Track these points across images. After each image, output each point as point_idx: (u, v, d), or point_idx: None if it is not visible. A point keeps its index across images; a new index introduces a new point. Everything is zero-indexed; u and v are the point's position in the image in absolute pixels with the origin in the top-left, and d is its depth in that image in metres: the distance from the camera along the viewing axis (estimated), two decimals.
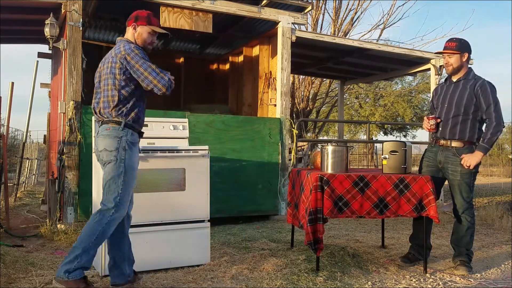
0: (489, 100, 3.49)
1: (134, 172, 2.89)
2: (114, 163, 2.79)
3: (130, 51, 2.82)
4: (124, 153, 2.80)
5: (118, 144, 2.80)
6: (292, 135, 6.16)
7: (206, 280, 3.14)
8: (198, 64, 9.23)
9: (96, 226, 2.77)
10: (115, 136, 2.81)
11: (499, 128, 3.47)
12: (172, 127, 3.95)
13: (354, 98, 20.14)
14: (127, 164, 2.81)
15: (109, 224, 2.79)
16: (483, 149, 3.47)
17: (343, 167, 3.51)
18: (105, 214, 2.79)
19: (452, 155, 3.59)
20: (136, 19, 2.99)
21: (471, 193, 3.61)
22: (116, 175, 2.79)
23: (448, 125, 3.62)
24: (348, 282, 3.17)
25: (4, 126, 6.61)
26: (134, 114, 2.88)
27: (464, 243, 3.61)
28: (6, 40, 7.49)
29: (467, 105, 3.54)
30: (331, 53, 7.96)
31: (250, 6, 5.90)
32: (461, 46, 3.61)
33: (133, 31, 2.99)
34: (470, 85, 3.57)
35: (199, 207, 3.53)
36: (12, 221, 5.36)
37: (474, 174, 3.60)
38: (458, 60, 3.61)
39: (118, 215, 2.81)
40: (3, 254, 3.53)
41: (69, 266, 2.70)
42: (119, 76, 2.82)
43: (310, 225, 3.24)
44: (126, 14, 3.27)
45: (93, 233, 2.75)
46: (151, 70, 2.81)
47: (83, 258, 2.73)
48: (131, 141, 2.85)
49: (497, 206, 6.60)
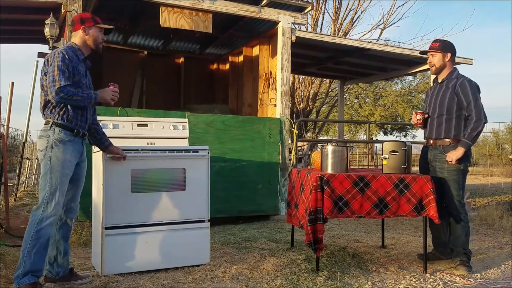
0: (468, 98, 3.55)
1: (64, 171, 2.85)
2: (43, 162, 2.84)
3: (53, 54, 2.85)
4: (50, 151, 2.82)
5: (47, 143, 2.84)
6: (292, 135, 6.16)
7: (206, 280, 3.14)
8: (198, 64, 9.24)
9: (29, 227, 2.79)
10: (44, 135, 2.86)
11: (479, 123, 3.52)
12: (172, 127, 3.96)
13: (354, 98, 20.14)
14: (53, 162, 2.81)
15: (41, 224, 2.77)
16: (464, 144, 3.53)
17: (343, 167, 3.51)
18: (36, 214, 2.80)
19: (439, 153, 3.67)
20: (83, 21, 2.99)
21: (461, 191, 3.63)
22: (44, 174, 2.82)
23: (434, 125, 3.72)
24: (348, 282, 3.17)
25: (4, 126, 6.61)
26: (63, 112, 2.87)
27: (461, 243, 3.61)
28: (6, 40, 7.49)
29: (450, 105, 3.62)
30: (331, 53, 7.96)
31: (250, 6, 5.90)
32: (443, 46, 3.71)
33: (83, 34, 2.99)
34: (452, 85, 3.65)
35: (199, 207, 3.53)
36: (12, 221, 5.36)
37: (463, 172, 3.62)
38: (441, 59, 3.70)
39: (47, 214, 2.79)
40: (3, 254, 3.53)
41: (17, 272, 2.74)
42: (44, 77, 2.87)
43: (310, 225, 3.24)
44: (126, 14, 3.28)
45: (28, 235, 2.77)
46: (52, 75, 2.77)
47: (27, 262, 2.74)
48: (59, 139, 2.84)
49: (497, 206, 6.59)
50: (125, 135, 3.40)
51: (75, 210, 3.07)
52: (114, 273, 3.21)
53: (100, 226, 3.24)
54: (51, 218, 2.81)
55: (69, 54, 2.86)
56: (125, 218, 3.27)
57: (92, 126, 3.14)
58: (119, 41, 8.34)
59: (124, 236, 3.27)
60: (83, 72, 2.99)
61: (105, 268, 3.20)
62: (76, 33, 3.01)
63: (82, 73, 2.95)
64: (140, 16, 6.90)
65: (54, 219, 2.84)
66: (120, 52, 8.51)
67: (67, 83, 2.77)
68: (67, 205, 3.00)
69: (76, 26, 3.00)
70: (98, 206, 3.31)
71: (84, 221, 4.56)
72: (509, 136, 21.02)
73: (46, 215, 2.79)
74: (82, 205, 4.73)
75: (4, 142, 5.24)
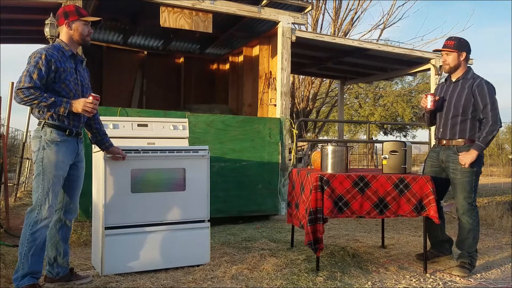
0: (485, 100, 3.46)
1: (57, 172, 2.80)
2: (35, 163, 2.81)
3: (32, 54, 2.75)
4: (43, 152, 2.79)
5: (40, 144, 2.81)
6: (292, 135, 6.16)
7: (206, 280, 3.14)
8: (198, 64, 9.24)
9: (25, 229, 2.78)
10: (37, 136, 2.83)
11: (495, 127, 3.45)
12: (172, 127, 3.96)
13: (354, 98, 20.14)
14: (45, 164, 2.79)
15: (35, 226, 2.76)
16: (478, 147, 3.44)
17: (343, 167, 3.51)
18: (30, 216, 2.78)
19: (453, 153, 3.57)
20: (66, 15, 2.87)
21: (473, 194, 3.53)
22: (36, 175, 2.80)
23: (448, 126, 3.61)
24: (348, 282, 3.17)
25: (4, 126, 6.60)
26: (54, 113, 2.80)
27: (466, 246, 3.55)
28: (6, 40, 7.49)
29: (466, 105, 3.52)
30: (331, 53, 7.96)
31: (250, 6, 5.90)
32: (459, 45, 3.59)
33: (67, 29, 2.88)
34: (468, 85, 3.54)
35: (199, 207, 3.53)
36: (12, 221, 5.36)
37: (476, 174, 3.53)
38: (456, 59, 3.59)
39: (41, 216, 2.77)
40: (3, 254, 3.53)
41: (16, 274, 2.74)
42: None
43: (310, 225, 3.24)
44: (126, 14, 3.28)
45: (24, 237, 2.76)
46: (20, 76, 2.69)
47: (25, 265, 2.73)
48: (50, 139, 2.80)
49: (497, 206, 6.59)
50: (125, 135, 3.40)
51: (75, 211, 3.06)
52: (114, 273, 3.21)
53: (100, 226, 3.24)
54: (45, 220, 2.79)
55: (49, 53, 2.75)
56: (125, 218, 3.27)
57: (94, 126, 3.13)
58: (119, 41, 8.34)
59: (124, 236, 3.27)
60: (71, 68, 2.87)
61: (105, 268, 3.20)
62: (61, 28, 2.90)
63: (68, 70, 2.84)
64: (140, 16, 6.90)
65: (48, 221, 2.82)
66: (120, 52, 8.51)
67: (30, 85, 2.65)
68: (65, 206, 2.99)
69: (60, 21, 2.89)
70: (98, 206, 3.31)
71: (84, 221, 4.56)
72: (509, 136, 21.02)
73: (40, 218, 2.77)
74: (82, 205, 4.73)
75: (4, 142, 5.24)
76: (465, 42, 3.63)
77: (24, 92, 2.66)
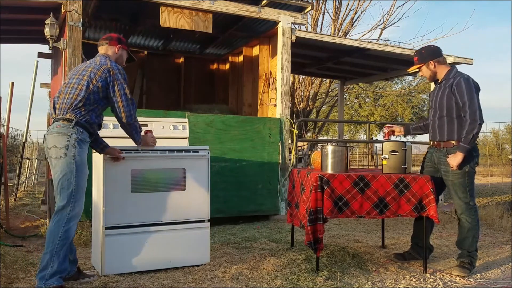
0: (464, 98, 3.42)
1: (86, 170, 2.92)
2: (64, 160, 2.82)
3: (116, 69, 3.02)
4: (74, 150, 2.83)
5: (68, 141, 2.83)
6: (292, 135, 6.16)
7: (206, 280, 3.14)
8: (198, 64, 9.24)
9: (56, 228, 2.79)
10: (64, 133, 2.85)
11: (474, 125, 3.38)
12: (172, 127, 3.96)
13: (354, 98, 20.14)
14: (77, 161, 2.83)
15: (69, 223, 2.80)
16: (462, 148, 3.41)
17: (343, 167, 3.51)
18: (63, 214, 2.80)
19: (443, 156, 3.58)
20: (120, 41, 3.25)
21: (468, 193, 3.51)
22: (68, 172, 2.81)
23: (436, 127, 3.63)
24: (348, 282, 3.17)
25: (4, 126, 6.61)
26: (89, 117, 2.94)
27: (466, 245, 3.55)
28: (6, 40, 7.49)
29: (449, 105, 3.52)
30: (331, 53, 7.96)
31: (250, 6, 5.90)
32: (421, 58, 3.66)
33: (117, 52, 3.22)
34: (449, 84, 3.54)
35: (199, 207, 3.53)
36: (12, 221, 5.36)
37: (469, 173, 3.50)
38: (427, 70, 3.67)
39: (75, 213, 2.83)
40: (3, 254, 3.53)
41: (43, 273, 2.74)
42: (95, 82, 2.94)
43: (310, 225, 3.24)
44: (126, 14, 3.32)
45: (55, 236, 2.78)
46: (123, 94, 3.00)
47: (55, 263, 2.75)
48: (81, 139, 2.88)
49: (497, 206, 6.59)
50: (125, 135, 3.39)
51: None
52: (114, 273, 3.21)
53: (100, 226, 3.24)
54: (77, 217, 2.86)
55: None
56: (125, 218, 3.27)
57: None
58: None
59: (124, 236, 3.27)
60: None
61: (105, 268, 3.20)
62: (109, 47, 3.20)
63: None
64: (140, 16, 6.90)
65: (79, 218, 2.90)
66: None
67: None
68: None
69: (113, 42, 3.21)
70: (98, 206, 3.31)
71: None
72: (509, 136, 21.04)
73: (73, 214, 2.83)
74: None
75: (4, 142, 5.24)
76: (427, 51, 3.67)
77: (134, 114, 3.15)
